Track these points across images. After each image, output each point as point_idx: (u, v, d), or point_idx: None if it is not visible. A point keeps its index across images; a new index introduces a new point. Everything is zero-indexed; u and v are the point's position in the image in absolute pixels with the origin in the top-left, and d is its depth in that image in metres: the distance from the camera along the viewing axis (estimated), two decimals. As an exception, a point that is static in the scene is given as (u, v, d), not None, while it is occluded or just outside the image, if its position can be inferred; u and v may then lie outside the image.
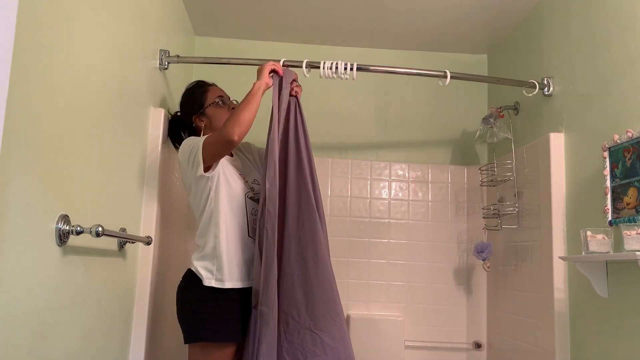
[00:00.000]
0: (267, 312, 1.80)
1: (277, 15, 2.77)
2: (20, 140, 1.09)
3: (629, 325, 1.73)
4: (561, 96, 2.25)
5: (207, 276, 1.86)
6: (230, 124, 1.83)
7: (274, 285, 1.82)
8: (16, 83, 1.04)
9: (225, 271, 1.86)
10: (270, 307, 1.80)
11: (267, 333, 1.79)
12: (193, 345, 1.87)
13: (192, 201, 1.97)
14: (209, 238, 1.89)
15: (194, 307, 1.87)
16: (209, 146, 1.85)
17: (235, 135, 1.81)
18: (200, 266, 1.88)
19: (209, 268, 1.87)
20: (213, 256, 1.87)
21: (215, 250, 1.87)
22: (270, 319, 1.80)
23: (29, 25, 1.10)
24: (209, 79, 2.19)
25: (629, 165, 1.73)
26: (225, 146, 1.85)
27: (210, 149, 1.85)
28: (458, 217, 3.00)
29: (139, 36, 1.93)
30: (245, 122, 1.85)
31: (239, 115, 1.85)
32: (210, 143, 1.85)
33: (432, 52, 3.13)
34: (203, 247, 1.90)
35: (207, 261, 1.88)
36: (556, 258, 2.11)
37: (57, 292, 1.31)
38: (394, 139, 3.08)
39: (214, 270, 1.86)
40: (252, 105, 1.89)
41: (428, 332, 2.91)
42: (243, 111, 1.86)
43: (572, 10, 2.19)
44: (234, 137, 1.81)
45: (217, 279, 1.86)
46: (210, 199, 1.90)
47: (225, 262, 1.87)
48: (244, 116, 1.85)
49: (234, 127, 1.82)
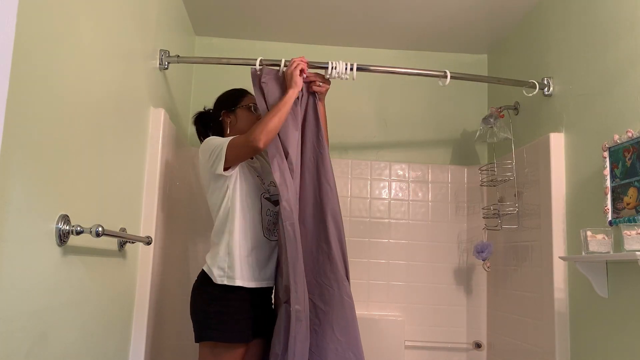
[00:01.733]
0: (300, 310, 1.82)
1: (277, 15, 2.77)
2: (20, 140, 1.09)
3: (629, 325, 1.73)
4: (561, 96, 2.25)
5: (218, 274, 1.87)
6: (258, 131, 1.85)
7: (302, 283, 1.84)
8: (16, 83, 1.04)
9: (237, 269, 1.87)
10: (301, 304, 1.83)
11: (301, 331, 1.82)
12: (203, 345, 1.88)
13: (209, 199, 1.99)
14: (224, 236, 1.91)
15: (205, 306, 1.88)
16: (234, 147, 1.87)
17: (261, 142, 1.84)
18: (213, 264, 1.90)
19: (221, 266, 1.88)
20: (226, 254, 1.89)
21: (228, 248, 1.89)
22: (303, 317, 1.83)
23: (29, 25, 1.10)
24: (209, 79, 2.20)
25: (629, 165, 1.73)
26: (250, 151, 1.89)
27: (234, 150, 1.87)
28: (458, 217, 3.00)
29: (139, 36, 1.93)
30: (273, 131, 1.87)
31: (269, 123, 1.86)
32: (236, 145, 1.88)
33: (432, 52, 3.13)
34: (218, 244, 1.92)
35: (220, 259, 1.89)
36: (556, 258, 2.11)
37: (57, 292, 1.30)
38: (394, 139, 3.08)
39: (226, 268, 1.88)
40: (282, 114, 1.90)
41: (428, 332, 2.91)
42: (273, 119, 1.88)
43: (572, 10, 2.19)
44: (259, 144, 1.84)
45: (229, 277, 1.87)
46: (227, 198, 1.92)
47: (237, 260, 1.88)
48: (273, 125, 1.87)
49: (261, 134, 1.84)
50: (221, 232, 1.92)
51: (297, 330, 1.81)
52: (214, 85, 2.97)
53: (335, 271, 1.94)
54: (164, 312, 2.24)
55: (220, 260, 1.89)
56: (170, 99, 2.44)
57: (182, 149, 2.57)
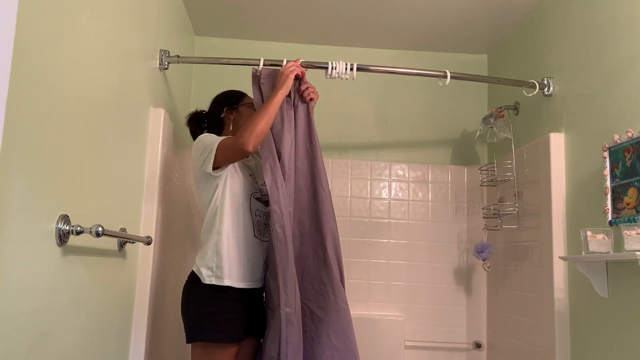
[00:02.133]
0: (291, 312, 1.81)
1: (277, 15, 2.77)
2: (20, 140, 1.09)
3: (629, 325, 1.73)
4: (561, 96, 2.25)
5: (207, 274, 1.86)
6: (247, 134, 1.83)
7: (292, 285, 1.83)
8: (16, 83, 1.04)
9: (225, 269, 1.86)
10: (292, 307, 1.82)
11: (293, 334, 1.81)
12: (195, 345, 1.88)
13: (199, 196, 1.98)
14: (212, 235, 1.89)
15: (196, 306, 1.87)
16: (224, 149, 1.86)
17: (250, 146, 1.82)
18: (201, 264, 1.88)
19: (209, 265, 1.87)
20: (214, 253, 1.87)
21: (216, 248, 1.87)
22: (294, 320, 1.82)
23: (29, 25, 1.10)
24: (209, 79, 2.20)
25: (629, 165, 1.73)
26: (239, 154, 1.87)
27: (224, 153, 1.86)
28: (458, 217, 3.00)
29: (139, 36, 1.93)
30: (262, 134, 1.86)
31: (257, 125, 1.84)
32: (225, 147, 1.86)
33: (432, 52, 3.13)
34: (206, 243, 1.91)
35: (208, 259, 1.88)
36: (556, 258, 2.11)
37: (57, 292, 1.30)
38: (394, 139, 3.08)
39: (214, 268, 1.86)
40: (270, 116, 1.89)
41: (428, 332, 2.91)
42: (262, 121, 1.86)
43: (572, 11, 2.19)
44: (248, 147, 1.82)
45: (217, 277, 1.85)
46: (217, 197, 1.91)
47: (225, 260, 1.86)
48: (261, 127, 1.85)
49: (250, 137, 1.82)
50: (209, 231, 1.91)
51: (288, 333, 1.80)
52: (214, 85, 2.97)
53: (331, 277, 1.93)
54: (164, 312, 2.24)
55: (209, 260, 1.87)
56: (170, 99, 2.44)
57: (182, 149, 2.57)
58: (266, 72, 2.04)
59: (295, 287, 1.84)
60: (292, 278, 1.83)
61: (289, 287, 1.82)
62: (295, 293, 1.84)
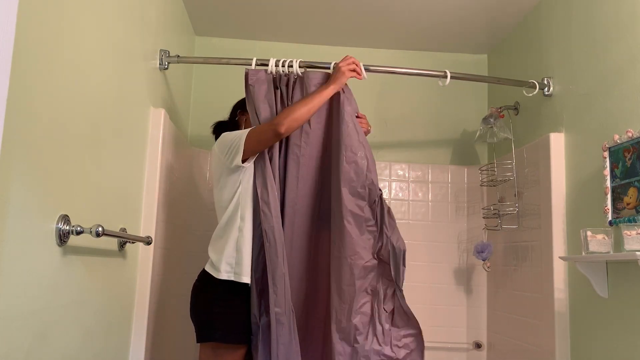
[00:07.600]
0: (280, 312, 1.80)
1: (277, 15, 2.77)
2: (20, 140, 1.09)
3: (629, 325, 1.73)
4: (561, 96, 2.25)
5: (225, 269, 1.84)
6: (283, 116, 1.80)
7: (282, 285, 1.82)
8: (16, 83, 1.04)
9: (245, 266, 1.84)
10: (282, 307, 1.81)
11: (283, 334, 1.80)
12: (205, 345, 1.86)
13: (218, 194, 1.95)
14: (232, 231, 1.87)
15: (207, 306, 1.86)
16: (255, 134, 1.83)
17: (283, 127, 1.78)
18: (219, 260, 1.85)
19: (228, 261, 1.85)
20: (234, 249, 1.85)
21: (237, 244, 1.86)
22: (284, 319, 1.80)
23: (29, 25, 1.10)
24: (209, 79, 2.20)
25: (629, 165, 1.73)
26: (271, 135, 1.82)
27: (255, 137, 1.83)
28: (458, 217, 3.00)
29: (139, 36, 1.93)
30: (299, 120, 1.82)
31: (295, 111, 1.81)
32: (257, 131, 1.84)
33: (432, 52, 3.13)
34: (225, 239, 1.88)
35: (227, 254, 1.85)
36: (556, 258, 2.11)
37: (57, 292, 1.30)
38: (394, 139, 3.08)
39: (233, 264, 1.84)
40: (313, 106, 1.85)
41: (428, 332, 2.88)
42: (303, 108, 1.82)
43: (572, 10, 2.19)
44: (281, 128, 1.78)
45: (236, 273, 1.84)
46: (239, 193, 1.89)
47: (245, 256, 1.85)
48: (300, 113, 1.81)
49: (285, 119, 1.79)
50: (230, 228, 1.88)
51: (278, 333, 1.79)
52: (214, 85, 2.99)
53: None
54: (164, 312, 2.25)
55: (228, 256, 1.85)
56: (170, 99, 2.44)
57: (182, 149, 2.57)
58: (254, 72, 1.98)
59: (285, 287, 1.83)
60: (282, 278, 1.82)
61: (279, 286, 1.81)
62: (285, 293, 1.83)
